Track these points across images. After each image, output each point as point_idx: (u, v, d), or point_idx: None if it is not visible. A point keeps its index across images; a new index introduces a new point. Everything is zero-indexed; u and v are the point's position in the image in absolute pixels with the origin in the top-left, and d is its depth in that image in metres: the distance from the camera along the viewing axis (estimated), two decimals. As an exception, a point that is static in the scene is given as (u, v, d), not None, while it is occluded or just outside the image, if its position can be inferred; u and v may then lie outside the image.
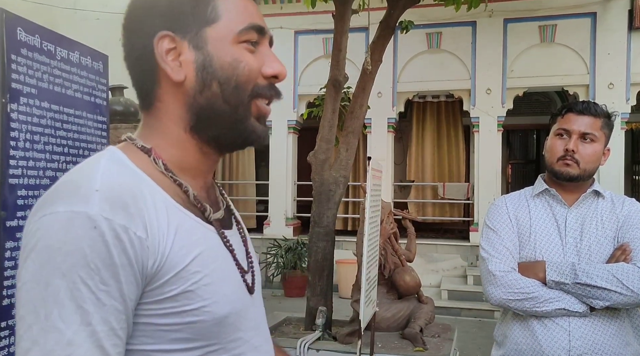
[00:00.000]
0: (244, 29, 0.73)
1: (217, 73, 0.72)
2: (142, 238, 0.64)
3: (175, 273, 0.66)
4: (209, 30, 0.73)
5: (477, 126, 7.74)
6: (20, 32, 1.76)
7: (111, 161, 0.70)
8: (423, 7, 5.40)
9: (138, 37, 0.74)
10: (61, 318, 0.59)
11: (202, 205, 0.75)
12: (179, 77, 0.72)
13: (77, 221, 0.61)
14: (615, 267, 1.51)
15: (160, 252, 0.66)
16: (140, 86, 0.77)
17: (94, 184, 0.64)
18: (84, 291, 0.60)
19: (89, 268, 0.60)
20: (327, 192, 3.76)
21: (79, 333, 0.59)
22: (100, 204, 0.62)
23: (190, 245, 0.69)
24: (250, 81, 0.74)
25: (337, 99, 3.92)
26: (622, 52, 7.18)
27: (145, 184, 0.69)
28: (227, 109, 0.74)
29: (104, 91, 2.22)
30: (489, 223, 1.71)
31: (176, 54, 0.73)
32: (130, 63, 0.76)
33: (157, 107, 0.76)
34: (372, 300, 2.89)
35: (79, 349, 0.59)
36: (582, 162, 1.60)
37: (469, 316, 6.63)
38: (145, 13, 0.74)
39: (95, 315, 0.60)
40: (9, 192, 1.70)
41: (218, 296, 0.70)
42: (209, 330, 0.70)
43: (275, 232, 8.23)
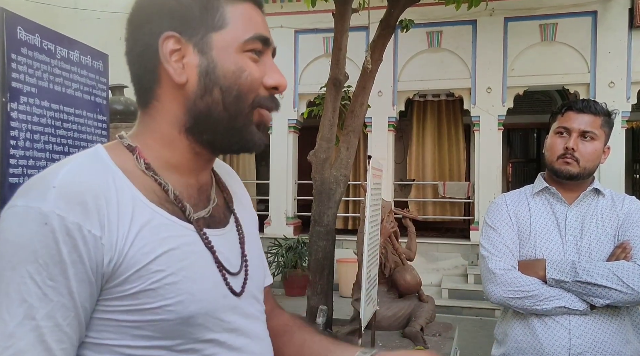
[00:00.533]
0: (249, 38, 0.74)
1: (220, 80, 0.72)
2: (97, 236, 0.64)
3: (135, 271, 0.66)
4: (215, 36, 0.73)
5: (478, 124, 7.73)
6: (21, 31, 1.76)
7: (86, 157, 0.70)
8: (423, 5, 5.40)
9: (143, 34, 0.74)
10: (7, 309, 0.60)
11: (182, 204, 0.74)
12: (181, 79, 0.72)
13: (30, 216, 0.62)
14: (616, 265, 1.51)
15: (118, 250, 0.66)
16: (139, 83, 0.77)
17: (53, 180, 0.65)
18: (31, 285, 0.61)
19: (37, 263, 0.61)
20: (327, 191, 3.76)
21: (22, 326, 0.60)
22: (55, 200, 0.63)
23: (155, 243, 0.68)
24: (252, 91, 0.74)
25: (338, 98, 3.92)
26: (622, 50, 7.17)
27: (115, 182, 0.69)
28: (226, 116, 0.74)
29: (104, 90, 2.23)
30: (489, 221, 1.71)
31: (180, 56, 0.73)
32: (132, 59, 0.76)
33: (154, 105, 0.76)
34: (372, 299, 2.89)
35: (20, 342, 0.60)
36: (582, 161, 1.60)
37: (469, 315, 6.63)
38: (153, 11, 0.73)
39: (40, 310, 0.61)
40: (9, 191, 1.70)
41: (184, 296, 0.69)
42: (173, 328, 0.69)
43: (276, 231, 8.24)
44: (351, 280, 4.06)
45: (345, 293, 6.69)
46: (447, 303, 6.84)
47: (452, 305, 6.81)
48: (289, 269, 7.49)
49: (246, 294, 0.79)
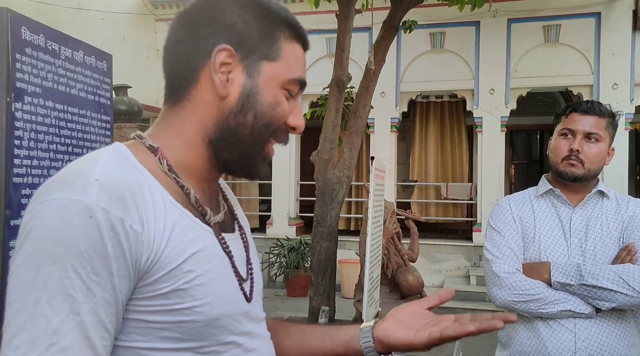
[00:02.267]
0: (294, 79, 0.77)
1: (257, 106, 0.75)
2: (138, 232, 0.63)
3: (169, 271, 0.66)
4: (266, 65, 0.75)
5: (481, 126, 7.72)
6: (25, 31, 1.77)
7: (114, 154, 0.70)
8: (426, 6, 5.39)
9: (198, 35, 0.74)
10: (49, 305, 0.58)
11: (202, 208, 0.74)
12: (224, 92, 0.74)
13: (73, 208, 0.60)
14: (621, 268, 1.50)
15: (155, 248, 0.65)
16: (174, 78, 0.76)
17: (93, 174, 0.63)
18: (75, 279, 0.59)
19: (81, 257, 0.59)
20: (330, 192, 3.76)
21: (66, 322, 0.58)
22: (98, 194, 0.61)
23: (186, 244, 0.69)
24: (278, 123, 0.78)
25: (341, 99, 3.92)
26: (626, 52, 7.16)
27: (146, 180, 0.69)
28: (249, 140, 0.76)
29: (108, 91, 2.23)
30: (492, 224, 1.70)
31: (227, 70, 0.74)
32: (175, 52, 0.76)
33: (184, 105, 0.76)
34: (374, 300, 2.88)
35: (65, 338, 0.58)
36: (586, 162, 1.59)
37: (471, 316, 6.62)
38: (216, 17, 0.74)
39: (84, 305, 0.59)
40: (13, 191, 1.71)
41: (211, 298, 0.69)
42: (199, 330, 0.69)
43: (278, 232, 8.24)
44: (353, 281, 4.06)
45: (348, 294, 6.68)
46: (449, 304, 6.81)
47: (454, 307, 6.80)
48: (291, 269, 7.49)
49: (254, 299, 0.81)
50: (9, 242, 1.69)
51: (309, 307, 3.72)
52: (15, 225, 1.71)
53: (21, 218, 1.72)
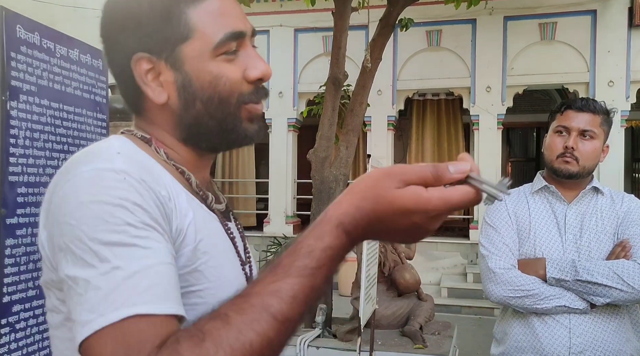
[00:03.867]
0: (220, 41, 0.69)
1: (198, 93, 0.70)
2: (166, 197, 0.64)
3: (190, 249, 0.66)
4: (184, 48, 0.69)
5: (477, 123, 7.73)
6: (20, 29, 1.76)
7: (123, 142, 0.70)
8: (423, 4, 5.40)
9: (115, 55, 0.72)
10: (117, 257, 0.55)
11: (204, 193, 0.75)
12: (161, 99, 0.71)
13: (105, 174, 0.59)
14: (616, 264, 1.51)
15: (180, 220, 0.65)
16: (127, 97, 0.76)
17: (113, 149, 0.64)
18: (132, 230, 0.57)
19: (128, 211, 0.57)
20: (327, 190, 3.76)
21: (141, 265, 0.56)
22: (124, 163, 0.61)
23: (199, 226, 0.68)
24: (234, 92, 0.71)
25: (337, 97, 3.92)
26: (622, 49, 7.17)
27: (155, 166, 0.69)
28: (215, 123, 0.72)
29: (104, 89, 2.22)
30: (488, 220, 1.71)
31: (155, 75, 0.70)
32: (113, 75, 0.75)
33: (148, 116, 0.75)
34: (371, 298, 2.89)
35: (145, 279, 0.55)
36: (581, 160, 1.60)
37: (468, 313, 6.64)
38: (118, 32, 0.70)
39: (149, 250, 0.57)
40: (9, 189, 1.70)
41: (222, 280, 0.69)
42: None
43: (275, 230, 8.23)
44: (350, 279, 4.06)
45: (345, 292, 6.69)
46: (446, 301, 6.84)
47: (451, 304, 6.82)
48: (289, 268, 7.48)
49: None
50: (4, 241, 1.69)
51: (306, 305, 3.72)
52: (11, 224, 1.71)
53: (17, 217, 1.72)
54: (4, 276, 1.68)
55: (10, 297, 1.69)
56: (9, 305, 1.69)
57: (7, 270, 1.69)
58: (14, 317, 1.70)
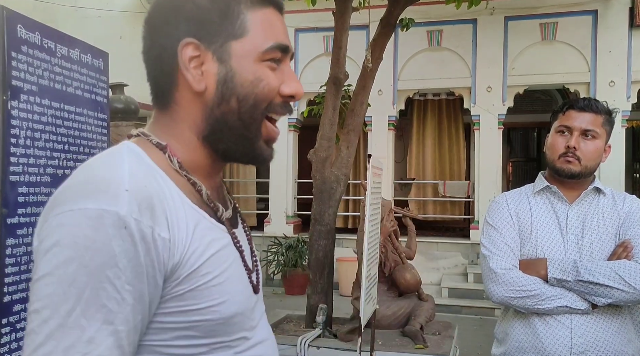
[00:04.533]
0: (269, 48, 0.72)
1: (237, 89, 0.72)
2: (166, 239, 0.64)
3: (189, 273, 0.67)
4: (234, 44, 0.71)
5: (478, 123, 7.73)
6: (21, 29, 1.76)
7: (132, 156, 0.69)
8: (424, 4, 5.40)
9: (161, 37, 0.72)
10: (84, 315, 0.58)
11: (214, 205, 0.75)
12: (200, 87, 0.72)
13: (108, 220, 0.60)
14: (617, 264, 1.51)
15: (180, 252, 0.66)
16: (156, 85, 0.76)
17: (123, 183, 0.63)
18: (110, 290, 0.60)
19: (117, 268, 0.60)
20: (327, 190, 3.76)
21: (101, 331, 0.59)
22: (130, 204, 0.62)
23: (204, 246, 0.69)
24: (268, 99, 0.73)
25: (338, 97, 3.92)
26: (623, 49, 7.17)
27: (164, 182, 0.69)
28: (240, 126, 0.73)
29: (105, 89, 2.22)
30: (489, 220, 1.71)
31: (199, 63, 0.71)
32: (148, 60, 0.75)
33: (174, 109, 0.75)
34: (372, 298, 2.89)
35: (99, 347, 0.59)
36: (583, 159, 1.60)
37: (469, 313, 6.64)
38: (171, 14, 0.72)
39: (118, 314, 0.60)
40: (9, 189, 1.70)
41: (226, 297, 0.70)
42: (214, 328, 0.70)
43: (276, 230, 8.24)
44: (351, 279, 4.06)
45: (345, 292, 6.69)
46: (447, 302, 6.84)
47: (452, 304, 6.82)
48: (289, 268, 7.49)
49: (260, 291, 0.83)
50: (5, 241, 1.69)
51: (306, 305, 3.72)
52: (12, 223, 1.71)
53: (18, 217, 1.72)
54: (5, 275, 1.67)
55: (11, 297, 1.69)
56: (9, 305, 1.69)
57: (8, 270, 1.68)
58: (14, 317, 1.70)
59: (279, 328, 3.68)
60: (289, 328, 3.72)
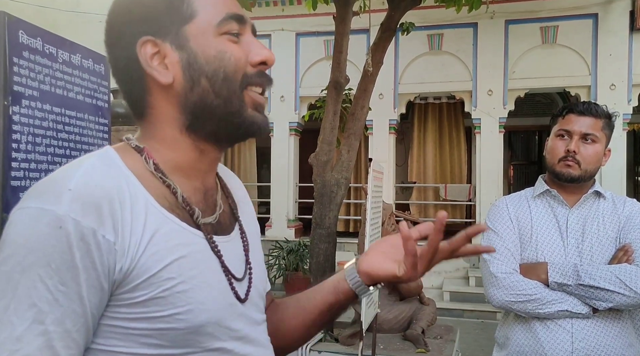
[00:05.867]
0: (222, 19, 0.72)
1: (204, 68, 0.72)
2: (111, 242, 0.63)
3: (146, 278, 0.65)
4: (188, 28, 0.72)
5: (479, 127, 7.73)
6: (22, 34, 1.77)
7: (99, 159, 0.69)
8: (424, 8, 5.41)
9: (121, 49, 0.73)
10: (15, 313, 0.59)
11: (190, 208, 0.73)
12: (167, 79, 0.72)
13: (44, 218, 0.60)
14: (618, 268, 1.51)
15: (131, 256, 0.64)
16: (131, 97, 0.76)
17: (69, 183, 0.63)
18: (41, 289, 0.59)
19: (49, 267, 0.59)
20: (328, 194, 3.76)
21: (30, 331, 0.59)
22: (70, 204, 0.61)
23: (167, 250, 0.67)
24: (239, 70, 0.73)
25: (339, 101, 3.93)
26: (623, 53, 7.17)
27: (129, 186, 0.68)
28: (220, 102, 0.72)
29: (106, 94, 2.23)
30: (490, 224, 1.70)
31: (161, 57, 0.72)
32: (118, 75, 0.76)
33: (150, 113, 0.75)
34: (373, 302, 2.88)
35: (27, 346, 0.59)
36: (583, 163, 1.60)
37: (471, 317, 6.62)
38: (122, 23, 0.73)
39: (49, 315, 0.60)
40: (10, 194, 1.71)
41: (194, 305, 0.68)
42: (182, 337, 0.68)
43: (277, 234, 8.23)
44: (352, 283, 4.06)
45: (347, 296, 6.67)
46: (448, 305, 6.82)
47: (453, 308, 6.80)
48: (290, 271, 7.48)
49: (250, 301, 0.78)
50: (6, 245, 1.69)
51: (307, 309, 3.72)
52: (13, 228, 1.71)
53: (19, 221, 1.72)
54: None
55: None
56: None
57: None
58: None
59: (280, 332, 3.67)
60: (290, 332, 3.70)
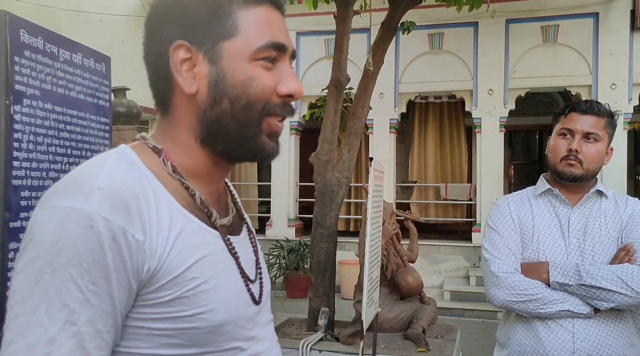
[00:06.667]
0: (261, 46, 0.71)
1: (229, 90, 0.70)
2: (140, 241, 0.63)
3: (172, 278, 0.65)
4: (225, 45, 0.70)
5: (479, 126, 7.73)
6: (24, 34, 1.77)
7: (120, 158, 0.69)
8: (425, 7, 5.40)
9: (155, 42, 0.73)
10: (47, 314, 0.58)
11: (208, 210, 0.73)
12: (191, 89, 0.71)
13: (74, 217, 0.60)
14: (620, 268, 1.50)
15: (158, 256, 0.64)
16: (156, 89, 0.76)
17: (97, 181, 0.63)
18: (73, 289, 0.59)
19: (80, 267, 0.59)
20: (329, 193, 3.76)
21: (63, 332, 0.58)
22: (100, 203, 0.61)
23: (190, 250, 0.68)
24: (263, 99, 0.72)
25: (339, 100, 3.93)
26: (624, 52, 7.17)
27: (151, 185, 0.68)
28: (236, 126, 0.72)
29: (107, 93, 2.23)
30: (491, 223, 1.70)
31: (191, 65, 0.71)
32: (147, 65, 0.76)
33: (172, 112, 0.75)
34: (374, 301, 2.89)
35: (61, 348, 0.58)
36: (585, 162, 1.60)
37: (471, 317, 6.62)
38: (163, 19, 0.72)
39: (81, 315, 0.59)
40: (12, 193, 1.71)
41: (215, 304, 0.69)
42: (202, 337, 0.68)
43: (278, 233, 8.23)
44: (353, 282, 4.06)
45: (347, 295, 6.68)
46: (449, 305, 6.82)
47: (454, 307, 6.80)
48: (291, 271, 7.49)
49: (263, 302, 0.80)
50: (8, 244, 1.69)
51: (308, 308, 3.72)
52: (15, 227, 1.71)
53: (20, 220, 1.73)
54: (8, 280, 1.68)
55: (13, 301, 1.69)
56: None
57: (11, 274, 1.69)
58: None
59: (281, 331, 3.68)
60: (290, 331, 3.71)
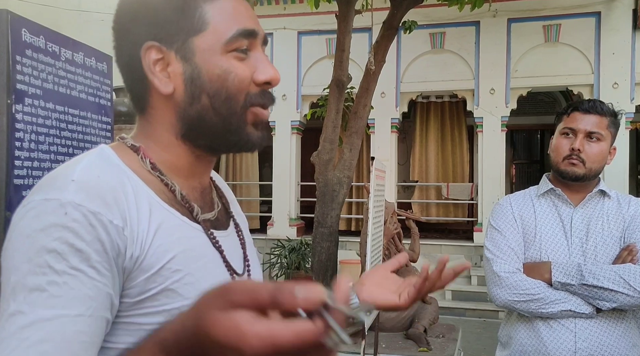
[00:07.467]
0: (232, 37, 0.70)
1: (206, 86, 0.70)
2: (119, 226, 0.62)
3: (156, 270, 0.65)
4: (196, 40, 0.70)
5: (481, 126, 7.72)
6: (25, 33, 1.77)
7: (97, 157, 0.69)
8: (426, 7, 5.40)
9: (126, 44, 0.72)
10: (25, 300, 0.58)
11: (189, 204, 0.73)
12: (168, 89, 0.71)
13: (48, 207, 0.60)
14: (622, 268, 1.50)
15: (140, 244, 0.64)
16: (132, 91, 0.76)
17: (71, 175, 0.63)
18: (50, 274, 0.58)
19: (56, 252, 0.59)
20: (330, 192, 3.76)
21: (41, 316, 0.57)
22: (74, 192, 0.61)
23: (171, 243, 0.68)
24: (242, 91, 0.71)
25: (341, 100, 3.92)
26: (626, 51, 7.16)
27: (130, 180, 0.68)
28: (219, 120, 0.71)
29: (108, 92, 2.23)
30: (493, 223, 1.70)
31: (164, 65, 0.71)
32: (121, 68, 0.75)
33: (149, 112, 0.75)
34: (376, 301, 2.88)
35: (38, 332, 0.57)
36: (588, 162, 1.59)
37: (473, 316, 6.62)
38: (131, 20, 0.71)
39: (59, 299, 0.58)
40: (14, 192, 1.71)
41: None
42: None
43: (279, 232, 8.24)
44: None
45: (349, 295, 6.68)
46: (450, 304, 6.82)
47: (455, 307, 6.80)
48: (292, 270, 7.49)
49: None
50: (9, 244, 1.69)
51: (310, 308, 3.72)
52: (16, 227, 1.71)
53: (22, 220, 1.73)
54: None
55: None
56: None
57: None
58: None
59: (282, 331, 3.68)
60: (292, 331, 3.71)
